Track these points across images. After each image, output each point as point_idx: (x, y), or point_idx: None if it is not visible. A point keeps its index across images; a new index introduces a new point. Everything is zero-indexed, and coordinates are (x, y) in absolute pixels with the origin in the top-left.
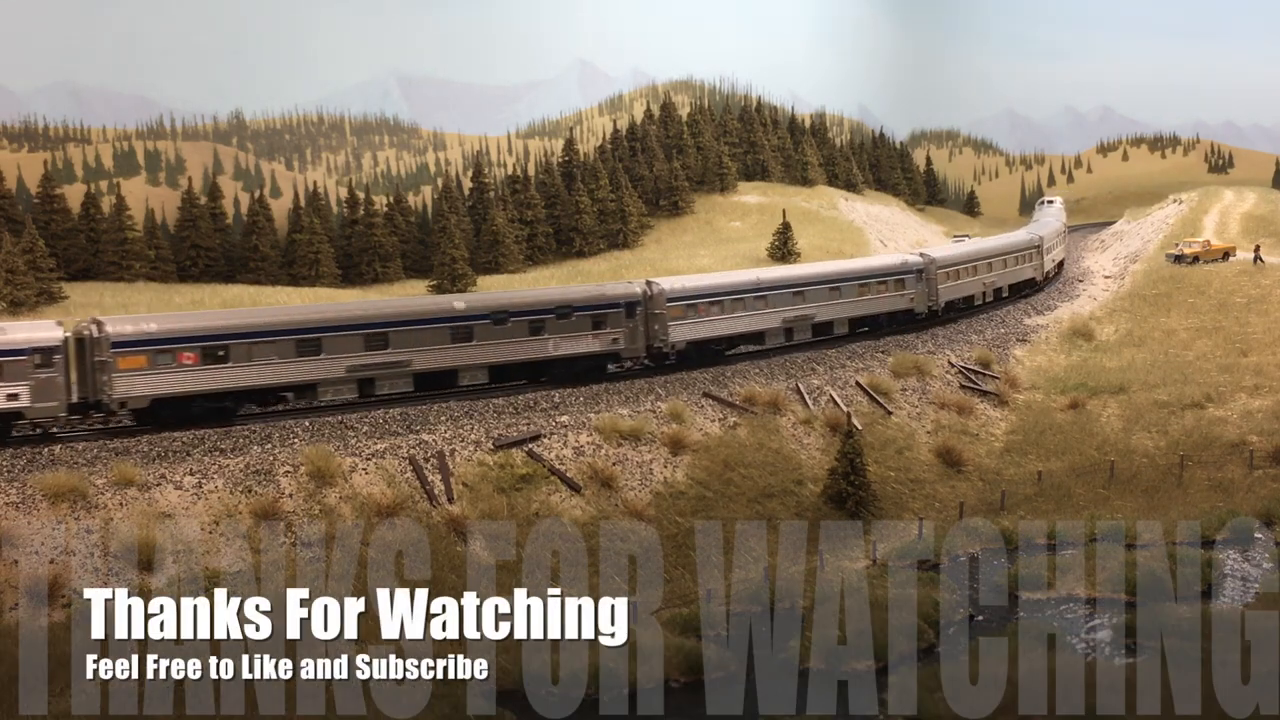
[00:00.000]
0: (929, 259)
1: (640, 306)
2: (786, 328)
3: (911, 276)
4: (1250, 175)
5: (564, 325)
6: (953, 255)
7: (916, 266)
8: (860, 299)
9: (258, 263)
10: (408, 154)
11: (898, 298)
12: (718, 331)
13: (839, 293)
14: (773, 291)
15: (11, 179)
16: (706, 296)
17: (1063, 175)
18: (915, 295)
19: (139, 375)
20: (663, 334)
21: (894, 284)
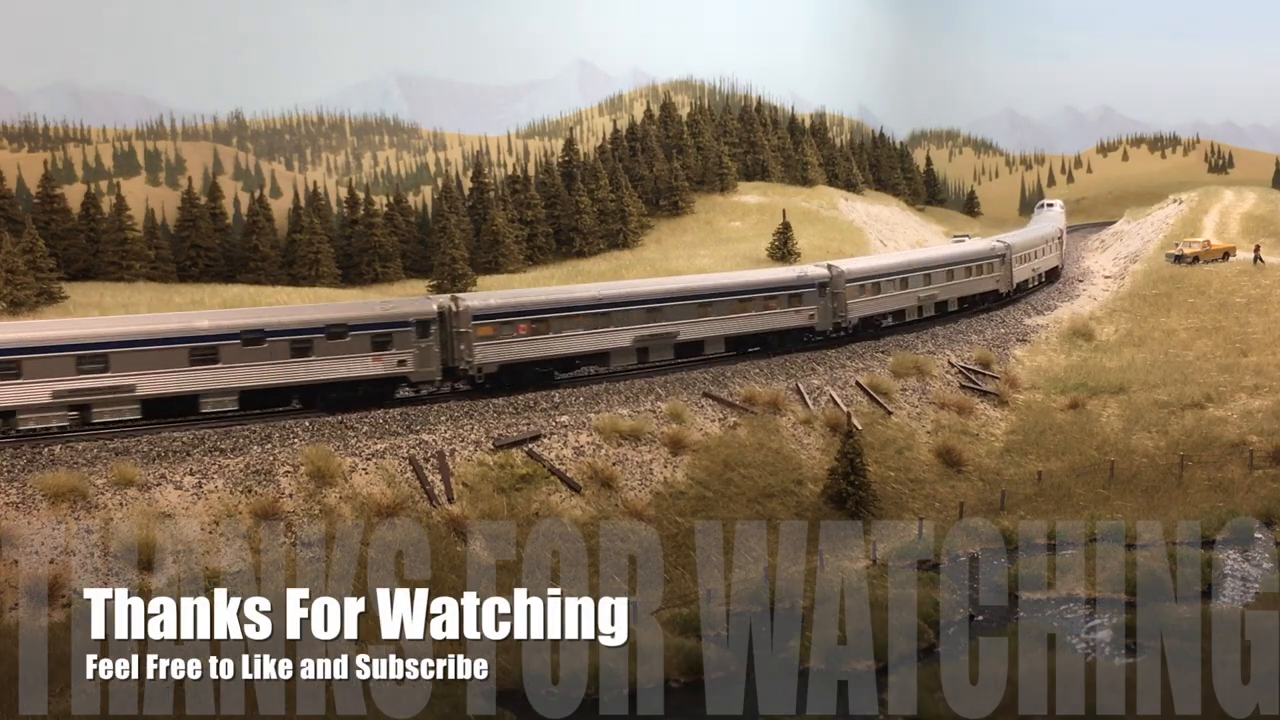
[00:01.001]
0: (836, 271)
1: (435, 325)
2: (639, 347)
3: (811, 291)
4: (1250, 175)
5: (337, 346)
6: (869, 268)
7: (818, 280)
8: (740, 315)
9: (258, 263)
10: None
11: (793, 314)
12: (539, 352)
13: (710, 309)
14: (618, 308)
15: (11, 179)
16: (527, 314)
17: (1063, 175)
18: (817, 311)
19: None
20: (468, 355)
21: (787, 299)
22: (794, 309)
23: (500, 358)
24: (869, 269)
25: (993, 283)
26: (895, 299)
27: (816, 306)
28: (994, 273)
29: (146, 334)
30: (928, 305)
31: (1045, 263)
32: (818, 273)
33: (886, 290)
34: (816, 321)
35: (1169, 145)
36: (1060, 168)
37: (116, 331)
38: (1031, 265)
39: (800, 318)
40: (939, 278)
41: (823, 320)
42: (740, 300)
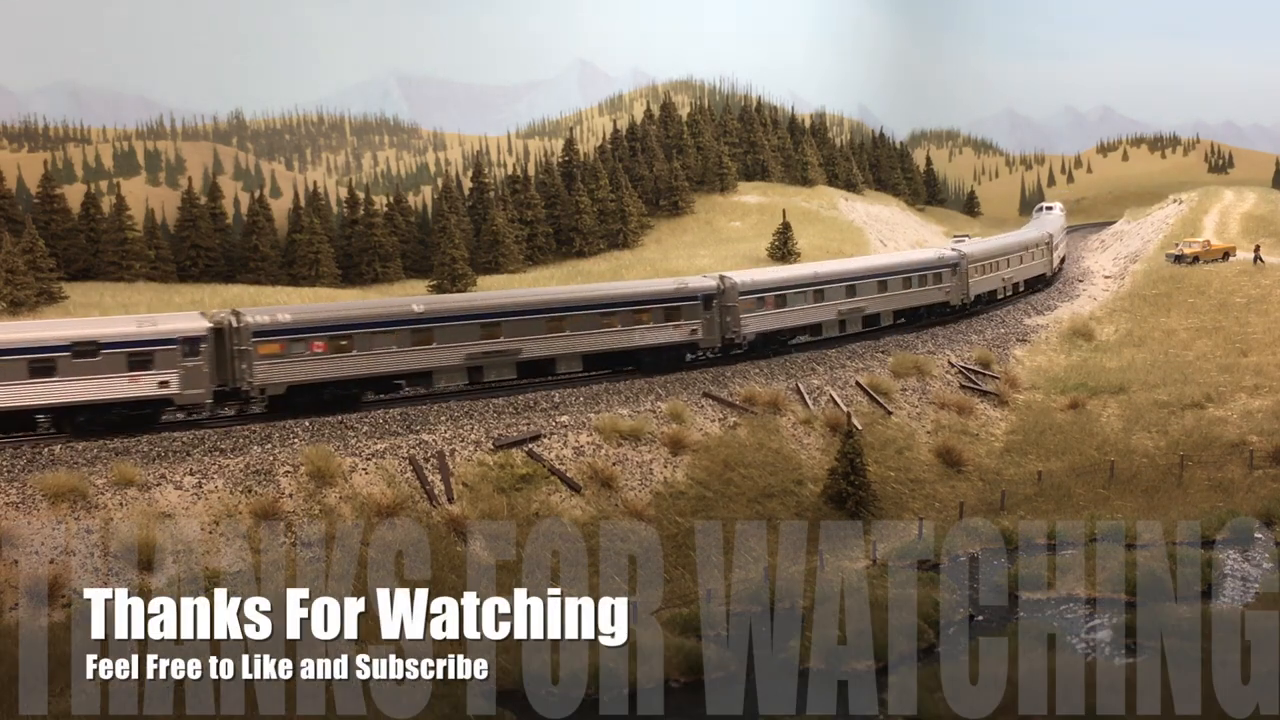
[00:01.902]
0: (729, 283)
1: (206, 343)
2: (473, 365)
3: (694, 304)
4: (1250, 175)
5: (85, 366)
6: (769, 279)
7: (703, 292)
8: (603, 331)
9: (258, 263)
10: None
11: (670, 330)
12: (340, 372)
13: (565, 324)
14: (444, 323)
15: (11, 179)
16: (324, 329)
17: (1063, 175)
18: (701, 326)
19: None
20: (249, 374)
21: (663, 313)
22: (672, 324)
23: (288, 378)
24: (769, 280)
25: (941, 294)
26: (806, 313)
27: (701, 321)
28: (942, 283)
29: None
30: (853, 319)
31: (1023, 271)
32: (702, 284)
33: (795, 304)
34: (700, 338)
35: (1169, 145)
36: (1060, 168)
37: None
38: (1001, 275)
39: (680, 333)
40: (867, 289)
41: (708, 336)
42: (602, 314)
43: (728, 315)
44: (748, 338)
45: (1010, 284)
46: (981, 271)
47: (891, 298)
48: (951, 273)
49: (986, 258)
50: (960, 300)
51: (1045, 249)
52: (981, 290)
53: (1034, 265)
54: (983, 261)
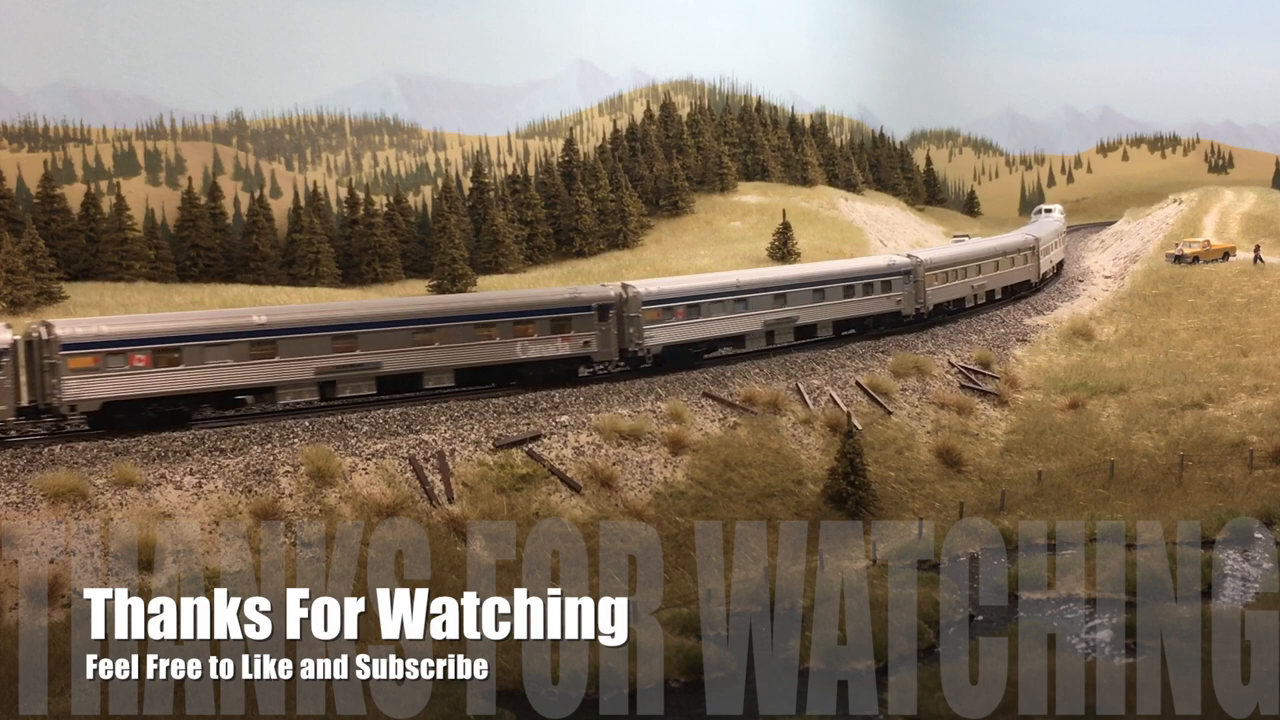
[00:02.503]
0: (632, 293)
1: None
2: (325, 380)
3: (586, 315)
4: (1250, 175)
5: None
6: (679, 288)
7: (597, 301)
8: (478, 344)
9: (258, 263)
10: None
11: (559, 342)
12: (164, 387)
13: (435, 336)
14: (293, 335)
15: (11, 179)
16: (150, 343)
17: (1063, 175)
18: (596, 339)
19: None
20: (56, 391)
21: (549, 325)
22: (561, 336)
23: (103, 394)
24: (679, 289)
25: (891, 304)
26: (724, 324)
27: (595, 333)
28: (893, 292)
29: None
30: (782, 330)
31: (1002, 277)
32: (597, 293)
33: (712, 313)
34: (594, 351)
35: (1169, 145)
36: (1060, 168)
37: None
38: (971, 282)
39: (569, 346)
40: (800, 298)
41: (604, 349)
42: (478, 326)
43: (630, 327)
44: (653, 350)
45: (983, 291)
46: (943, 279)
47: (830, 307)
48: (904, 280)
49: (949, 264)
50: (916, 310)
51: (1030, 254)
52: (944, 299)
53: (1015, 271)
54: (944, 268)
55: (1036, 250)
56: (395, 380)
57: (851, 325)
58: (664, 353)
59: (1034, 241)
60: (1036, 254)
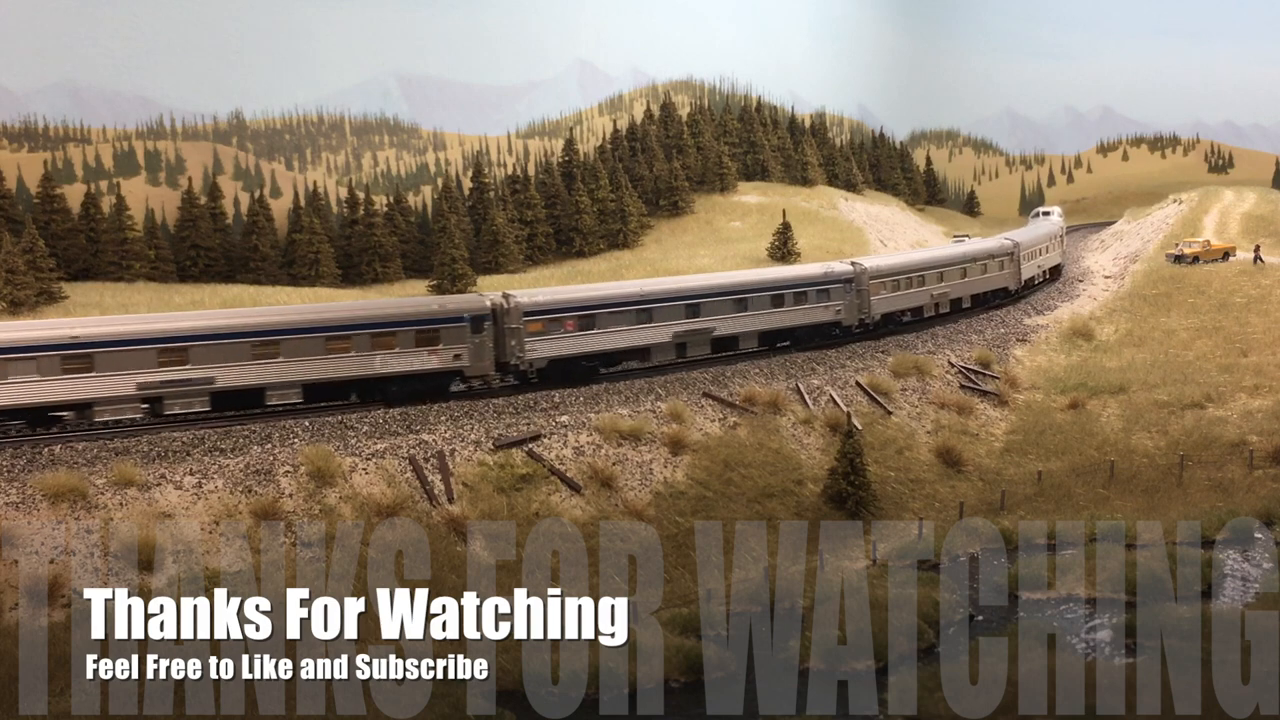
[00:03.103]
0: (513, 303)
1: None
2: (150, 396)
3: (458, 326)
4: (1250, 175)
5: None
6: (567, 299)
7: (472, 312)
8: (333, 357)
9: (258, 263)
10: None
11: (424, 355)
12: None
13: (279, 350)
14: (113, 348)
15: (11, 179)
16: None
17: (1063, 175)
18: (467, 352)
19: None
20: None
21: (414, 338)
22: (427, 349)
23: None
24: (569, 299)
25: (828, 314)
26: (624, 335)
27: (467, 346)
28: (832, 301)
29: None
30: (697, 341)
31: (970, 285)
32: (470, 304)
33: (609, 325)
34: (465, 364)
35: (1169, 145)
36: (1060, 168)
37: None
38: (929, 290)
39: (437, 360)
40: (718, 308)
41: (477, 363)
42: (330, 339)
43: (511, 339)
44: (536, 364)
45: (946, 300)
46: (893, 288)
47: (754, 318)
48: (845, 289)
49: (900, 272)
50: (858, 320)
51: (1007, 260)
52: (895, 309)
53: (990, 278)
54: (894, 276)
55: (1016, 256)
56: (232, 396)
57: (783, 337)
58: (550, 367)
59: (1012, 247)
60: (1016, 260)
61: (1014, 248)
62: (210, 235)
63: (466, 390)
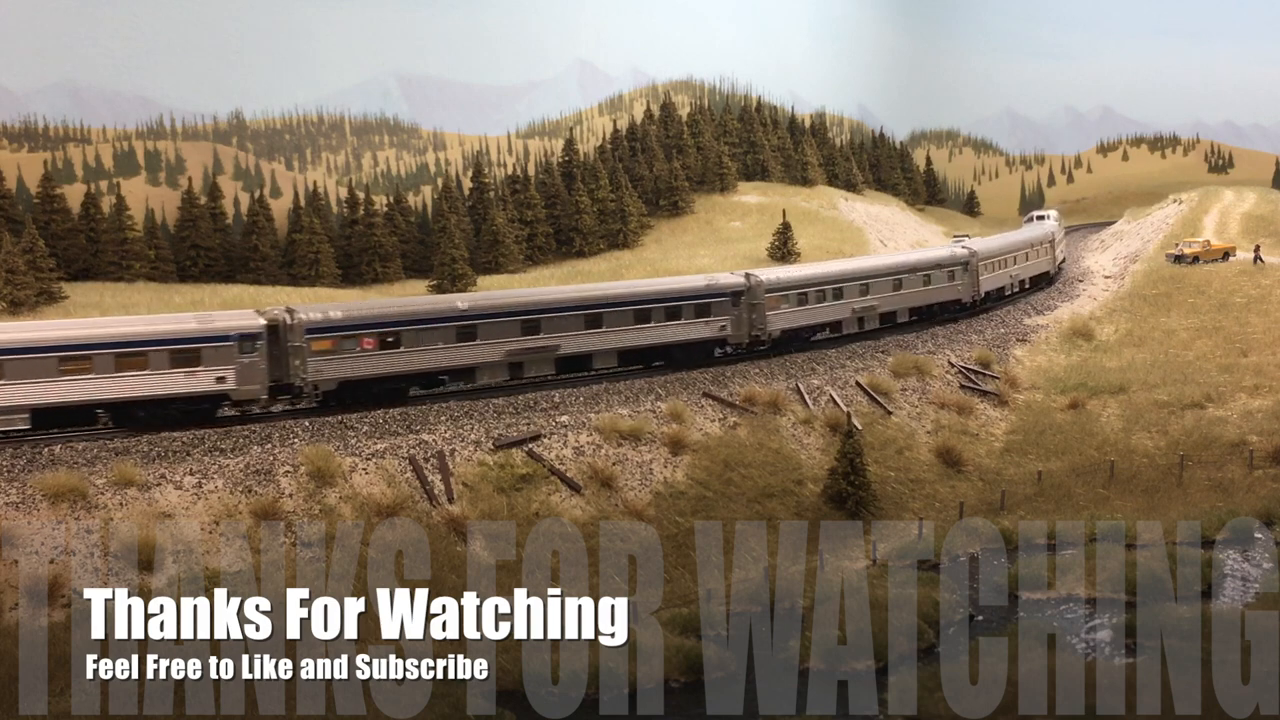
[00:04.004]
0: (298, 319)
1: None
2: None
3: (225, 346)
4: (1250, 175)
5: None
6: (367, 315)
7: (243, 331)
8: (57, 378)
9: (258, 263)
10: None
11: (196, 377)
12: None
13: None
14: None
15: (11, 179)
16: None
17: (1063, 175)
18: (235, 374)
19: None
20: None
21: (172, 358)
22: (184, 370)
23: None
24: (365, 316)
25: (711, 329)
26: (438, 354)
27: (235, 367)
28: (714, 316)
29: None
30: (539, 363)
31: (905, 299)
32: (239, 323)
33: (419, 343)
34: (232, 387)
35: (1169, 145)
36: (1060, 168)
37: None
38: (850, 304)
39: (198, 382)
40: (564, 325)
41: (247, 385)
42: (64, 359)
43: (295, 358)
44: (322, 385)
45: (874, 315)
46: (797, 301)
47: (611, 335)
48: (732, 303)
49: (806, 285)
50: (752, 336)
51: (960, 271)
52: (799, 324)
53: (932, 291)
54: (797, 289)
55: (971, 266)
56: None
57: (654, 354)
58: (341, 389)
59: (966, 256)
60: (972, 270)
61: (969, 257)
62: (210, 235)
63: (241, 415)
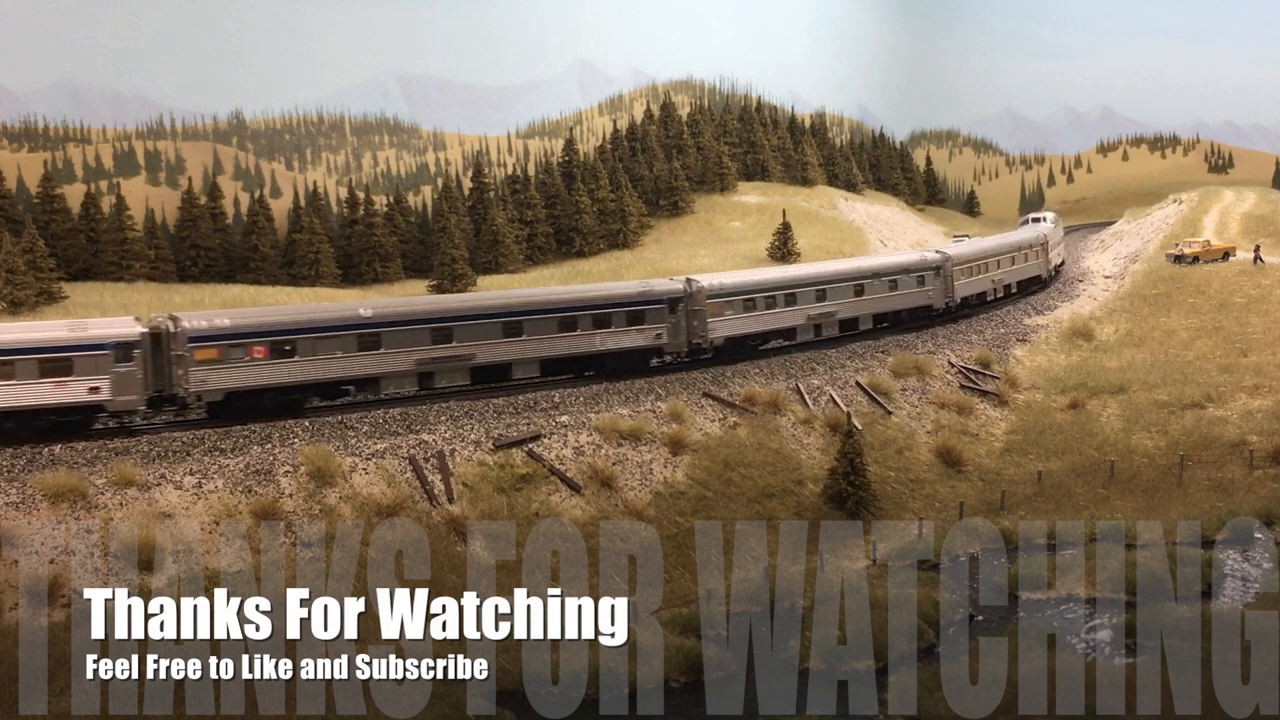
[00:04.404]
0: (168, 329)
1: None
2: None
3: (100, 355)
4: (1250, 175)
5: None
6: (242, 324)
7: (114, 341)
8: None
9: (258, 263)
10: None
11: (59, 387)
12: None
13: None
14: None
15: (11, 179)
16: None
17: (1063, 175)
18: (110, 385)
19: None
20: None
21: (17, 368)
22: (53, 380)
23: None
24: (257, 323)
25: (645, 338)
26: (347, 363)
27: (110, 378)
28: (652, 323)
29: None
30: (450, 372)
31: (867, 305)
32: (113, 331)
33: (325, 351)
34: (108, 398)
35: (1169, 145)
36: (1060, 168)
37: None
38: (805, 310)
39: (64, 393)
40: (479, 333)
41: (124, 396)
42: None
43: (178, 367)
44: (206, 396)
45: (833, 321)
46: (744, 308)
47: (530, 343)
48: (669, 310)
49: (752, 291)
50: (692, 344)
51: (931, 276)
52: (738, 332)
53: (899, 297)
54: (742, 296)
55: (945, 271)
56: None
57: (584, 363)
58: (228, 399)
59: (939, 261)
60: (944, 275)
61: (942, 262)
62: (210, 235)
63: (118, 429)
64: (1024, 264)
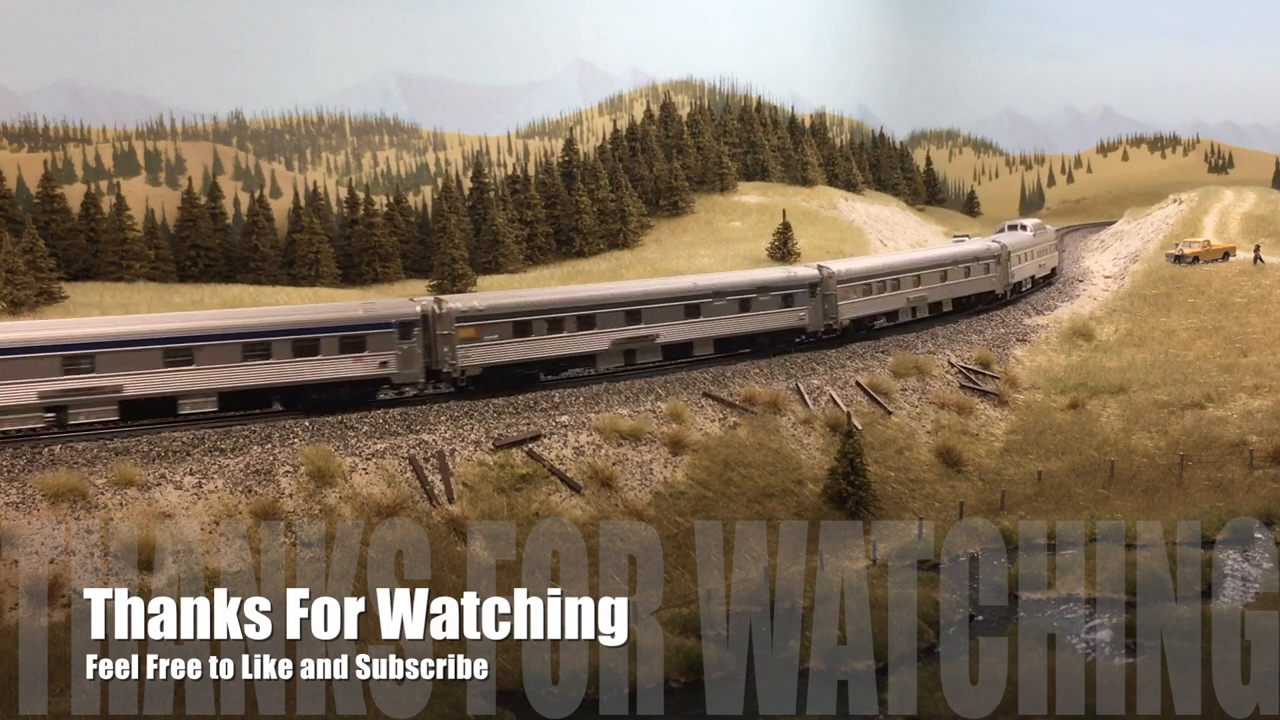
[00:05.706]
0: None
1: None
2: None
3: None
4: (1250, 175)
5: None
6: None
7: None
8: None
9: (258, 263)
10: (408, 154)
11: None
12: None
13: None
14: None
15: (11, 179)
16: None
17: (1063, 175)
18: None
19: None
20: None
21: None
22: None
23: None
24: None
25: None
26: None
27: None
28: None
29: None
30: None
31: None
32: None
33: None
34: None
35: (1169, 145)
36: (1060, 168)
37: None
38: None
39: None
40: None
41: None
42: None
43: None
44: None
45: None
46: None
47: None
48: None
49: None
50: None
51: (805, 295)
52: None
53: (767, 317)
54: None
55: (820, 290)
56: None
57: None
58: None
59: (816, 277)
60: (821, 294)
61: (818, 279)
62: (210, 235)
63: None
64: (988, 275)
